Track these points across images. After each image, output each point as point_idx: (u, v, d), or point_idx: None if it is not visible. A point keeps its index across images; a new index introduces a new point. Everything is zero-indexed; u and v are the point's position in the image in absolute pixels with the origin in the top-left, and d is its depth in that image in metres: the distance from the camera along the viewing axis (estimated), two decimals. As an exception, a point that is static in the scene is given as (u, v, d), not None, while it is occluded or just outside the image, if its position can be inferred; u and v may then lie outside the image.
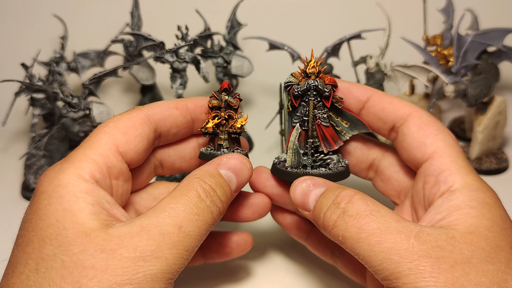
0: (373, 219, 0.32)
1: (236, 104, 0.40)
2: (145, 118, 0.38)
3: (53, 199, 0.32)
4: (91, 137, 0.36)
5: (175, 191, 0.34)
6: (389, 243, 0.31)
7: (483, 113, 0.64)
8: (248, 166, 0.38)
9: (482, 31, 0.62)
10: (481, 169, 0.65)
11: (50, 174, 0.33)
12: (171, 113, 0.40)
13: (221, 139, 0.40)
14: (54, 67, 0.68)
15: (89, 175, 0.33)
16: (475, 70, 0.62)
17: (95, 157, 0.35)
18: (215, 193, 0.35)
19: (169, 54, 0.63)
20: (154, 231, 0.31)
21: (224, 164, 0.37)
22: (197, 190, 0.34)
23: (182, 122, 0.41)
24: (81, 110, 0.61)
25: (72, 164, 0.34)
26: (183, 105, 0.40)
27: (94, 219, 0.31)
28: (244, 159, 0.38)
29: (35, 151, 0.63)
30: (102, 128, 0.37)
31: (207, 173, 0.36)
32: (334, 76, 0.72)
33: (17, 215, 0.61)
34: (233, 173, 0.37)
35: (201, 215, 0.33)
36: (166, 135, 0.41)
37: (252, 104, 0.85)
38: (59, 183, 0.32)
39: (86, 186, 0.33)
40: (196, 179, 0.35)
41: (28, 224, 0.32)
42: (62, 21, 0.76)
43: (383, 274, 0.31)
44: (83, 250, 0.29)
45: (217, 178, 0.36)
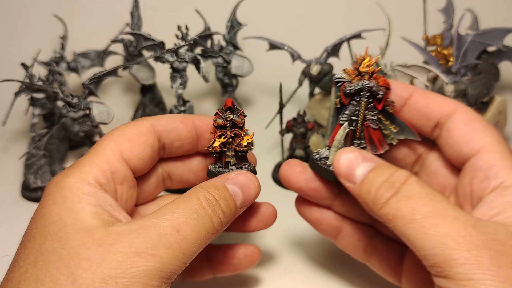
0: (429, 202, 0.31)
1: (241, 122, 0.40)
2: (150, 128, 0.39)
3: (57, 199, 0.33)
4: (97, 145, 0.38)
5: (178, 198, 0.35)
6: (445, 227, 0.29)
7: (483, 113, 0.64)
8: (255, 183, 0.39)
9: (482, 31, 0.62)
10: (481, 169, 0.65)
11: (57, 178, 0.35)
12: (176, 126, 0.41)
13: (229, 156, 0.40)
14: (54, 67, 0.68)
15: (93, 179, 0.35)
16: (475, 70, 0.62)
17: (99, 162, 0.36)
18: (217, 203, 0.35)
19: (169, 54, 0.63)
20: (152, 230, 0.31)
21: (231, 179, 0.38)
22: (199, 199, 0.35)
23: (186, 136, 0.41)
24: (81, 110, 0.61)
25: (78, 169, 0.35)
26: (190, 121, 0.41)
27: (95, 218, 0.32)
28: (252, 176, 0.39)
29: (35, 151, 0.63)
30: (108, 136, 0.38)
31: (212, 185, 0.37)
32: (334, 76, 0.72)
33: (17, 215, 0.62)
34: (240, 189, 0.38)
35: (200, 221, 0.34)
36: (169, 147, 0.41)
37: (252, 104, 0.85)
38: (64, 185, 0.34)
39: (89, 188, 0.34)
40: (200, 189, 0.36)
41: (32, 222, 0.33)
42: (62, 21, 0.76)
43: (434, 260, 0.29)
44: (81, 244, 0.30)
45: (221, 190, 0.37)
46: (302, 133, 0.63)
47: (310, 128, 0.63)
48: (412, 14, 0.79)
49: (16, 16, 0.89)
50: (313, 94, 0.76)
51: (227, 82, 0.74)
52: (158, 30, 0.72)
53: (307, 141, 0.63)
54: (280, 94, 0.61)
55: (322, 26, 0.91)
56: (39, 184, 0.64)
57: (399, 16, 0.75)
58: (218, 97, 0.85)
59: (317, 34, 0.88)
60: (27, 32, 0.89)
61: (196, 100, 0.83)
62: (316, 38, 0.82)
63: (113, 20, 0.80)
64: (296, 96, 0.72)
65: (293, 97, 0.71)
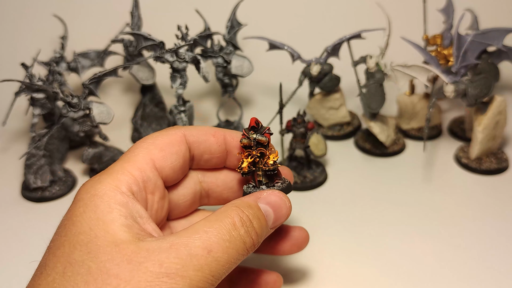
0: None
1: (266, 140, 0.39)
2: (182, 137, 0.39)
3: (88, 207, 0.32)
4: (129, 152, 0.37)
5: (211, 215, 0.34)
6: None
7: (483, 113, 0.64)
8: (287, 204, 0.38)
9: (482, 31, 0.62)
10: (481, 169, 0.65)
11: (88, 184, 0.34)
12: (207, 139, 0.40)
13: (259, 175, 0.40)
14: (54, 67, 0.68)
15: (125, 187, 0.34)
16: (475, 70, 0.62)
17: (132, 169, 0.35)
18: (251, 223, 0.35)
19: (169, 54, 0.63)
20: (183, 250, 0.31)
21: (263, 198, 0.37)
22: (233, 218, 0.34)
23: (216, 150, 0.41)
24: (81, 110, 0.61)
25: (110, 176, 0.34)
26: (221, 135, 0.41)
27: (125, 231, 0.31)
28: (283, 196, 0.38)
29: (35, 151, 0.63)
30: (140, 144, 0.38)
31: (245, 203, 0.36)
32: (334, 76, 0.72)
33: (17, 215, 0.62)
34: (272, 209, 0.37)
35: (232, 243, 0.33)
36: (198, 159, 0.41)
37: (252, 104, 0.85)
38: (95, 193, 0.33)
39: (121, 198, 0.33)
40: (234, 207, 0.35)
41: (61, 229, 0.32)
42: (62, 21, 0.76)
43: None
44: (111, 259, 0.29)
45: (255, 210, 0.36)
46: (302, 133, 0.63)
47: (310, 128, 0.63)
48: (412, 14, 0.79)
49: (16, 16, 0.89)
50: (313, 94, 0.76)
51: (227, 82, 0.74)
52: (158, 30, 0.72)
53: (307, 141, 0.63)
54: (280, 94, 0.61)
55: (322, 26, 0.91)
56: (39, 184, 0.64)
57: (399, 16, 0.75)
58: (218, 97, 0.85)
59: (317, 34, 0.88)
60: (27, 32, 0.89)
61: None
62: (316, 38, 0.82)
63: (113, 20, 0.80)
64: (296, 96, 0.72)
65: (293, 97, 0.71)
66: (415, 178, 0.65)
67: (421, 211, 0.58)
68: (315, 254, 0.52)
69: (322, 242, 0.54)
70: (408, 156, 0.70)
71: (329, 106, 0.75)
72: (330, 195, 0.63)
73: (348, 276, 0.50)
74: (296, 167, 0.66)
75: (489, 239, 0.54)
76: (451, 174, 0.66)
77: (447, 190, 0.62)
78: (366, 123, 0.69)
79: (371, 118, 0.68)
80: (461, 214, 0.58)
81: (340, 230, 0.56)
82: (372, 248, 0.53)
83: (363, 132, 0.74)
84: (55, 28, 0.78)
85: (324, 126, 0.77)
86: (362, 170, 0.68)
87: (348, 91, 0.80)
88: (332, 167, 0.68)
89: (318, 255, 0.52)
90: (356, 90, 0.70)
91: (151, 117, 0.78)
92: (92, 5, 0.89)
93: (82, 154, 0.65)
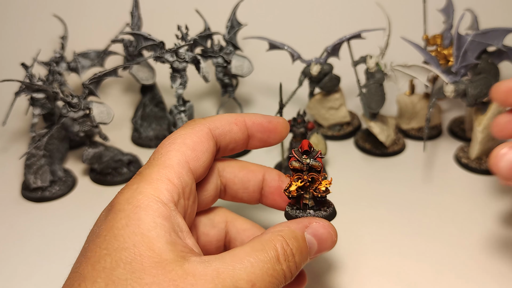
0: None
1: (319, 166, 0.37)
2: (209, 132, 0.38)
3: (132, 221, 0.31)
4: (162, 155, 0.35)
5: (256, 243, 0.33)
6: None
7: (483, 113, 0.64)
8: (333, 238, 0.37)
9: (482, 31, 0.62)
10: (481, 169, 0.65)
11: (128, 193, 0.33)
12: (231, 128, 0.39)
13: (306, 199, 0.38)
14: (54, 67, 0.68)
15: (167, 197, 0.33)
16: (475, 70, 0.62)
17: (171, 177, 0.34)
18: (293, 258, 0.34)
19: (169, 54, 0.63)
20: (229, 281, 0.30)
21: (311, 228, 0.36)
22: (277, 250, 0.33)
23: (241, 138, 0.40)
24: (81, 110, 0.61)
25: (151, 185, 0.33)
26: (242, 121, 0.40)
27: (170, 250, 0.30)
28: (332, 230, 0.37)
29: (35, 151, 0.63)
30: (171, 145, 0.36)
31: (292, 234, 0.35)
32: (334, 76, 0.72)
33: (17, 215, 0.62)
34: (317, 242, 0.36)
35: (274, 278, 0.32)
36: (224, 150, 0.40)
37: (252, 104, 0.86)
38: (138, 204, 0.32)
39: (164, 210, 0.32)
40: (279, 238, 0.34)
41: (101, 240, 0.31)
42: (62, 21, 0.76)
43: None
44: (156, 283, 0.29)
45: (300, 242, 0.35)
46: (302, 133, 0.63)
47: (310, 128, 0.63)
48: (412, 14, 0.79)
49: (16, 16, 0.89)
50: (313, 94, 0.76)
51: (227, 82, 0.74)
52: (158, 30, 0.72)
53: (307, 141, 0.63)
54: (280, 94, 0.61)
55: (322, 26, 0.90)
56: (39, 184, 0.64)
57: (399, 16, 0.75)
58: (218, 97, 0.85)
59: (317, 34, 0.87)
60: (27, 32, 0.89)
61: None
62: (316, 38, 0.82)
63: (113, 20, 0.80)
64: (296, 96, 0.73)
65: (293, 97, 0.71)
66: (415, 178, 0.65)
67: (421, 211, 0.58)
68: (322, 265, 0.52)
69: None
70: (408, 156, 0.70)
71: (329, 106, 0.75)
72: (330, 195, 0.62)
73: (348, 276, 0.50)
74: (296, 167, 0.66)
75: (489, 239, 0.54)
76: (451, 174, 0.66)
77: (447, 190, 0.62)
78: (366, 123, 0.69)
79: (371, 118, 0.68)
80: (461, 214, 0.58)
81: (340, 230, 0.56)
82: (372, 248, 0.53)
83: (363, 132, 0.74)
84: (55, 28, 0.78)
85: (324, 126, 0.77)
86: (362, 170, 0.68)
87: (348, 91, 0.80)
88: (332, 167, 0.68)
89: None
90: (356, 90, 0.70)
91: (151, 117, 0.78)
92: (92, 5, 0.89)
93: (82, 154, 0.65)
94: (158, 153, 0.36)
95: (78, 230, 0.58)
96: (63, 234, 0.57)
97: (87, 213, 0.60)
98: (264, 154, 0.71)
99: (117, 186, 0.66)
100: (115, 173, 0.67)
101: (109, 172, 0.67)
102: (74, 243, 0.56)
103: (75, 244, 0.56)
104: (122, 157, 0.67)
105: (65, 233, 0.58)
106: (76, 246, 0.55)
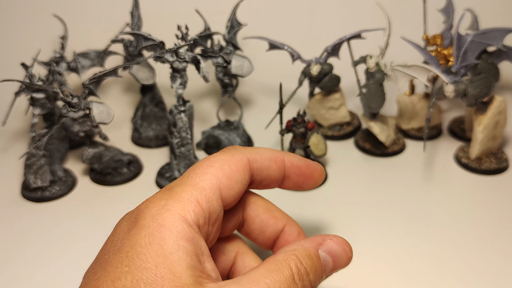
0: None
1: None
2: (247, 164, 0.37)
3: (156, 240, 0.31)
4: (196, 175, 0.35)
5: (270, 264, 0.33)
6: None
7: (483, 113, 0.64)
8: (349, 255, 0.37)
9: (482, 31, 0.62)
10: (481, 169, 0.65)
11: (154, 208, 0.32)
12: (270, 165, 0.39)
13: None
14: (54, 67, 0.68)
15: (193, 220, 0.32)
16: (475, 69, 0.62)
17: (201, 200, 0.33)
18: (307, 277, 0.34)
19: (169, 54, 0.63)
20: None
21: (325, 245, 0.36)
22: (291, 270, 0.33)
23: (277, 177, 0.40)
24: (81, 110, 0.61)
25: (179, 203, 0.33)
26: (281, 160, 0.39)
27: (190, 274, 0.30)
28: (347, 246, 0.36)
29: (35, 151, 0.63)
30: (207, 168, 0.35)
31: (305, 252, 0.34)
32: (334, 76, 0.72)
33: (17, 215, 0.62)
34: (332, 259, 0.36)
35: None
36: (257, 184, 0.40)
37: (252, 104, 0.86)
38: (164, 223, 0.31)
39: (189, 232, 0.32)
40: (293, 257, 0.34)
41: (123, 255, 0.31)
42: (62, 21, 0.76)
43: None
44: None
45: (314, 260, 0.35)
46: (302, 133, 0.63)
47: (310, 128, 0.63)
48: (412, 14, 0.79)
49: (16, 16, 0.89)
50: (313, 94, 0.76)
51: (227, 82, 0.74)
52: (158, 30, 0.72)
53: (307, 141, 0.63)
54: (280, 94, 0.61)
55: (322, 26, 0.90)
56: (39, 184, 0.64)
57: (399, 16, 0.75)
58: (218, 97, 0.85)
59: (317, 34, 0.88)
60: (27, 32, 0.89)
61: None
62: (316, 38, 0.82)
63: (113, 20, 0.80)
64: (296, 96, 0.73)
65: (293, 97, 0.71)
66: (415, 178, 0.65)
67: (421, 211, 0.58)
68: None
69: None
70: (408, 156, 0.70)
71: (329, 106, 0.75)
72: (330, 195, 0.63)
73: (347, 276, 0.50)
74: (296, 167, 0.66)
75: (489, 239, 0.54)
76: (451, 174, 0.66)
77: (447, 190, 0.62)
78: (366, 123, 0.69)
79: (371, 118, 0.68)
80: (461, 214, 0.58)
81: (340, 230, 0.56)
82: (372, 248, 0.53)
83: (363, 132, 0.74)
84: (55, 28, 0.78)
85: (324, 126, 0.77)
86: (362, 170, 0.68)
87: (348, 91, 0.80)
88: (332, 167, 0.68)
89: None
90: (356, 90, 0.70)
91: (151, 117, 0.78)
92: (92, 5, 0.89)
93: (82, 154, 0.65)
94: (194, 172, 0.35)
95: (78, 230, 0.58)
96: (63, 234, 0.57)
97: (87, 213, 0.60)
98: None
99: (117, 186, 0.66)
100: (115, 173, 0.67)
101: (109, 172, 0.67)
102: (74, 243, 0.56)
103: (75, 244, 0.56)
104: (122, 157, 0.67)
105: (65, 233, 0.58)
106: (76, 246, 0.55)
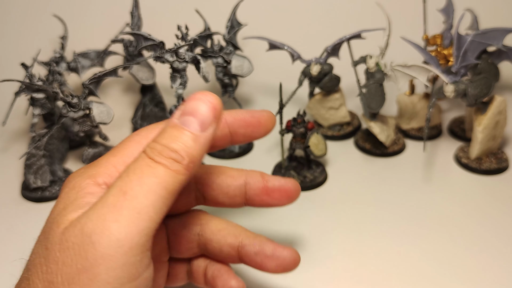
0: None
1: None
2: None
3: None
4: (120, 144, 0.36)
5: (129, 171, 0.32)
6: None
7: (483, 113, 0.64)
8: (205, 98, 0.32)
9: (482, 31, 0.62)
10: (481, 169, 0.65)
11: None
12: None
13: None
14: (54, 67, 0.68)
15: (103, 180, 0.34)
16: (475, 69, 0.62)
17: (119, 165, 0.35)
18: (166, 148, 0.31)
19: (169, 54, 0.63)
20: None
21: (174, 115, 0.33)
22: (144, 159, 0.31)
23: (220, 135, 0.39)
24: (81, 110, 0.61)
25: (94, 168, 0.34)
26: (222, 119, 0.38)
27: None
28: (200, 93, 0.33)
29: (35, 151, 0.63)
30: (133, 136, 0.36)
31: (153, 140, 0.33)
32: (334, 76, 0.72)
33: (17, 215, 0.62)
34: (189, 115, 0.32)
35: (151, 175, 0.30)
36: None
37: (252, 104, 0.86)
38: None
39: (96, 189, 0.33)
40: (143, 155, 0.32)
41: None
42: (62, 21, 0.76)
43: None
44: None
45: (167, 131, 0.32)
46: (302, 133, 0.63)
47: (310, 128, 0.63)
48: (412, 14, 0.79)
49: (16, 16, 0.89)
50: (313, 94, 0.76)
51: (227, 82, 0.74)
52: (158, 30, 0.72)
53: (307, 141, 0.63)
54: (280, 94, 0.61)
55: (322, 26, 0.91)
56: (39, 184, 0.64)
57: (399, 16, 0.75)
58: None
59: (317, 34, 0.88)
60: (27, 32, 0.89)
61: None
62: (316, 38, 0.82)
63: (113, 20, 0.80)
64: (296, 96, 0.72)
65: (293, 97, 0.71)
66: (415, 178, 0.65)
67: (421, 211, 0.58)
68: (315, 254, 0.52)
69: (322, 242, 0.54)
70: (408, 156, 0.70)
71: (329, 106, 0.75)
72: (330, 195, 0.63)
73: (348, 276, 0.50)
74: (296, 167, 0.66)
75: (489, 239, 0.54)
76: (451, 174, 0.66)
77: (447, 190, 0.62)
78: (366, 123, 0.69)
79: (371, 118, 0.68)
80: (461, 214, 0.58)
81: (340, 230, 0.56)
82: (372, 248, 0.53)
83: (363, 132, 0.74)
84: (55, 28, 0.78)
85: (324, 126, 0.77)
86: (362, 170, 0.68)
87: (348, 91, 0.80)
88: (332, 167, 0.68)
89: (317, 255, 0.52)
90: (356, 90, 0.70)
91: (151, 117, 0.78)
92: (92, 5, 0.89)
93: (82, 154, 0.65)
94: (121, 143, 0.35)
95: (78, 230, 0.58)
96: (63, 234, 0.57)
97: (87, 213, 0.60)
98: (264, 155, 0.71)
99: (117, 186, 0.66)
100: (115, 173, 0.67)
101: (109, 172, 0.67)
102: (74, 243, 0.56)
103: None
104: (122, 157, 0.67)
105: (65, 233, 0.57)
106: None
